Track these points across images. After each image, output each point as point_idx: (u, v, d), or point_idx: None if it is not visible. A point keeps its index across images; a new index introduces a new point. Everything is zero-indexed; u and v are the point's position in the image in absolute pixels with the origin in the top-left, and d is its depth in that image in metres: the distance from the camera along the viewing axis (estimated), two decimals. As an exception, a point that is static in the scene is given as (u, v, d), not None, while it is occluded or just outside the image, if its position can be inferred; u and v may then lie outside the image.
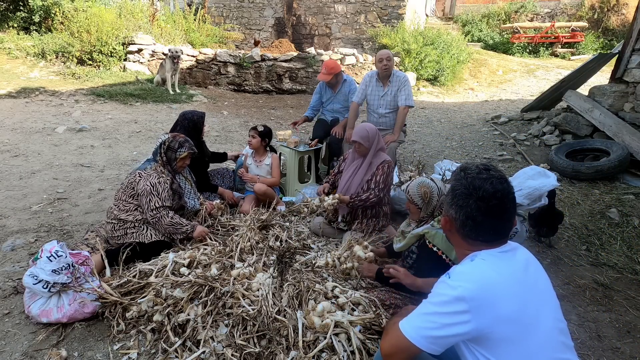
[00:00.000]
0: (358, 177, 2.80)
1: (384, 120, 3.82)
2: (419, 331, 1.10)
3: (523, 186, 2.66)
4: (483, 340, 1.08)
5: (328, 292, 2.05)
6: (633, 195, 3.62)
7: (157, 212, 2.38)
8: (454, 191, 1.23)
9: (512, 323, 1.06)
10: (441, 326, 1.08)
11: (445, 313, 1.08)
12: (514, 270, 1.14)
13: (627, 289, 2.44)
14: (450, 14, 16.60)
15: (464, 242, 1.23)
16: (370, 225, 2.78)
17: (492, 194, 1.14)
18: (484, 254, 1.16)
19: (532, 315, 1.09)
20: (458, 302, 1.06)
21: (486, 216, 1.16)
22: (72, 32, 8.57)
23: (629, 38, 4.77)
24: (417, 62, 9.76)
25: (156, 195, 2.40)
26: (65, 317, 1.88)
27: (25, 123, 5.41)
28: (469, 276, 1.10)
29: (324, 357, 1.65)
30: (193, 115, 3.15)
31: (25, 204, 3.20)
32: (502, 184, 1.17)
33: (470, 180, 1.18)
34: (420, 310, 1.15)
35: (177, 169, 2.61)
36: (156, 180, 2.44)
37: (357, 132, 2.76)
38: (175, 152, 2.56)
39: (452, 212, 1.23)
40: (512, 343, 1.06)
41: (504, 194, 1.16)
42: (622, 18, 13.14)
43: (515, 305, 1.07)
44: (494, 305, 1.05)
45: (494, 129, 6.27)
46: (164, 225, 2.40)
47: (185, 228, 2.45)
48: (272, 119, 6.98)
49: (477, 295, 1.06)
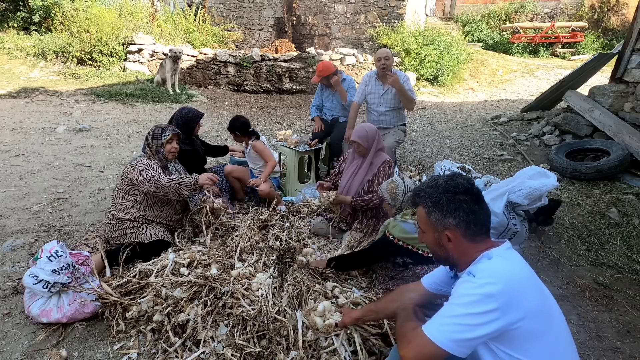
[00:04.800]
0: (359, 178, 2.80)
1: (384, 119, 3.83)
2: (448, 335, 1.07)
3: (523, 186, 2.65)
4: (509, 337, 1.07)
5: (328, 292, 2.05)
6: (633, 195, 3.62)
7: (155, 177, 2.38)
8: (438, 203, 1.22)
9: (536, 316, 1.07)
10: (472, 327, 1.05)
11: (475, 313, 1.06)
12: (524, 264, 1.16)
13: (627, 289, 2.44)
14: (450, 14, 16.59)
15: (473, 244, 1.20)
16: (370, 225, 2.78)
17: (469, 186, 1.23)
18: (498, 251, 1.16)
19: (548, 307, 1.11)
20: (488, 300, 1.05)
21: (477, 204, 1.20)
22: (72, 32, 8.58)
23: (629, 38, 4.77)
24: (417, 62, 9.75)
25: (151, 169, 2.42)
26: (65, 317, 1.88)
27: (25, 123, 5.41)
28: (494, 272, 1.09)
29: (324, 357, 1.65)
30: (189, 112, 3.13)
31: (25, 204, 3.20)
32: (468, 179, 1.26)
33: (446, 186, 1.23)
34: (446, 313, 1.12)
35: (167, 155, 2.57)
36: (148, 161, 2.47)
37: (356, 132, 2.77)
38: (161, 138, 2.54)
39: (450, 221, 1.20)
40: (537, 337, 1.06)
41: (474, 184, 1.25)
42: (622, 18, 13.14)
43: (538, 298, 1.08)
44: (521, 300, 1.06)
45: (494, 129, 6.27)
46: (165, 185, 2.37)
47: (187, 180, 2.42)
48: (272, 119, 6.98)
49: (505, 291, 1.05)
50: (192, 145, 3.20)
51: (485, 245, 1.19)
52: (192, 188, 2.40)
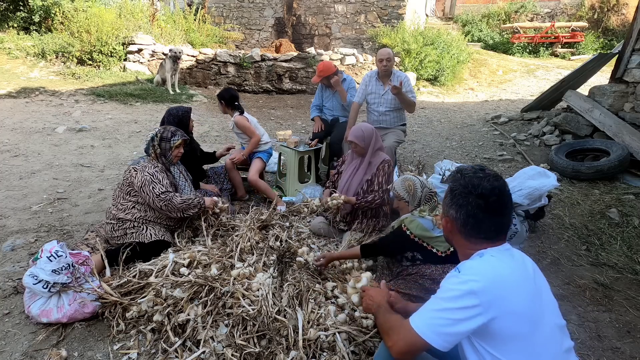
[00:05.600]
0: (357, 177, 2.80)
1: (384, 119, 3.83)
2: (432, 328, 1.09)
3: (523, 186, 2.66)
4: (491, 336, 1.07)
5: (328, 292, 2.05)
6: (633, 195, 3.62)
7: (165, 195, 2.39)
8: (452, 191, 1.24)
9: (521, 318, 1.06)
10: (453, 322, 1.07)
11: (456, 308, 1.07)
12: (519, 266, 1.15)
13: (627, 289, 2.44)
14: (450, 14, 16.60)
15: (467, 241, 1.22)
16: (370, 225, 2.78)
17: (490, 190, 1.17)
18: (492, 251, 1.16)
19: (537, 312, 1.09)
20: (469, 297, 1.06)
21: (486, 213, 1.17)
22: (72, 32, 8.58)
23: (629, 38, 4.77)
24: (417, 62, 9.75)
25: (158, 183, 2.41)
26: (65, 317, 1.88)
27: (25, 123, 5.41)
28: (479, 270, 1.10)
29: (324, 357, 1.66)
30: (178, 110, 3.13)
31: (25, 204, 3.20)
32: (498, 180, 1.20)
33: (468, 180, 1.21)
34: (430, 306, 1.14)
35: (172, 159, 2.61)
36: (153, 170, 2.45)
37: (352, 132, 2.79)
38: (170, 142, 2.56)
39: (452, 212, 1.23)
40: (519, 339, 1.06)
41: (501, 190, 1.18)
42: (622, 18, 13.14)
43: (524, 300, 1.07)
44: (505, 300, 1.05)
45: (494, 129, 6.27)
46: (176, 206, 2.41)
47: (197, 200, 2.50)
48: (272, 119, 6.98)
49: (488, 289, 1.06)
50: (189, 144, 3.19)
51: (481, 247, 1.19)
52: (198, 209, 2.52)
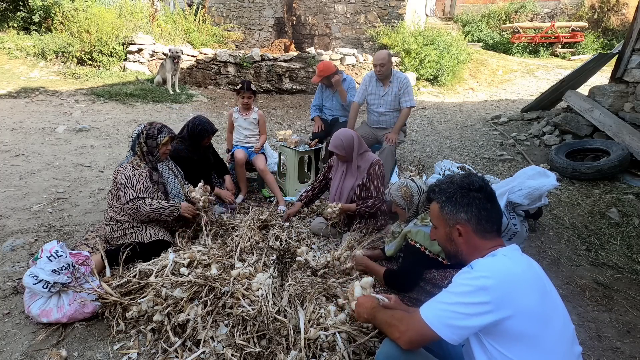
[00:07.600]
0: (348, 183, 2.80)
1: (384, 119, 3.83)
2: (441, 320, 1.11)
3: (523, 186, 2.65)
4: (501, 334, 1.08)
5: (328, 292, 2.04)
6: (633, 195, 3.62)
7: (133, 203, 2.35)
8: (452, 199, 1.27)
9: (531, 317, 1.07)
10: (463, 316, 1.08)
11: (467, 303, 1.09)
12: (530, 266, 1.17)
13: (627, 289, 2.44)
14: (450, 14, 16.59)
15: (483, 240, 1.23)
16: (369, 225, 2.78)
17: (483, 184, 1.28)
18: (504, 250, 1.18)
19: (548, 313, 1.10)
20: (481, 293, 1.07)
21: (489, 202, 1.24)
22: (72, 32, 8.58)
23: (629, 38, 4.77)
24: (417, 62, 9.75)
25: (130, 188, 2.37)
26: (65, 317, 1.87)
27: (25, 123, 5.41)
28: (491, 268, 1.12)
29: (324, 357, 1.65)
30: (200, 125, 3.09)
31: (25, 204, 3.20)
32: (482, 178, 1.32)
33: (461, 183, 1.29)
34: (441, 299, 1.16)
35: (160, 156, 2.57)
36: (130, 173, 2.41)
37: (332, 142, 2.76)
38: (156, 139, 2.52)
39: (462, 216, 1.24)
40: (529, 338, 1.07)
41: (488, 183, 1.31)
42: (622, 18, 13.14)
43: (535, 299, 1.08)
44: (516, 298, 1.06)
45: (494, 129, 6.27)
46: (145, 214, 2.37)
47: (169, 210, 2.43)
48: (272, 119, 6.98)
49: (500, 286, 1.07)
50: (198, 153, 3.16)
51: (495, 243, 1.22)
52: (172, 217, 2.48)
